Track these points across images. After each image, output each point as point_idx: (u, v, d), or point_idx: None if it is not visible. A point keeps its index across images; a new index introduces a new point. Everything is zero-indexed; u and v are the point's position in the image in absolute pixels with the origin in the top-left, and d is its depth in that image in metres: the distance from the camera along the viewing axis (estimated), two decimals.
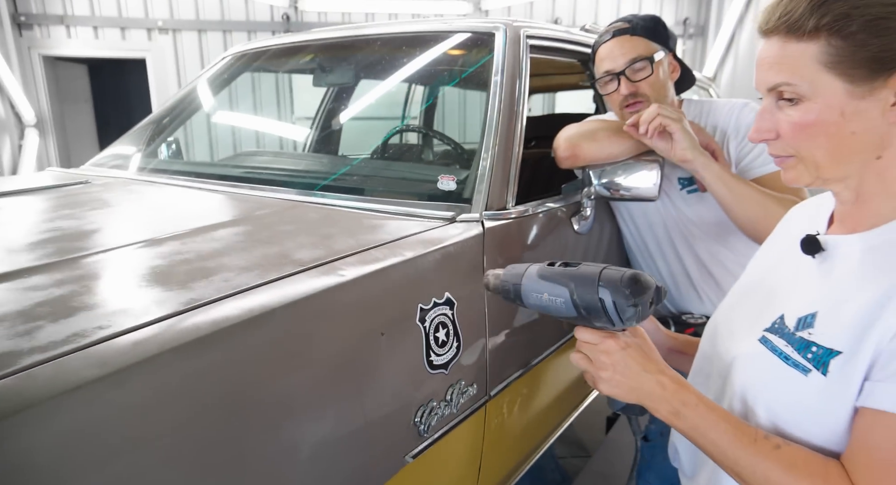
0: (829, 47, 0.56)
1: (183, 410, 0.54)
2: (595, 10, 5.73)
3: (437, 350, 0.84)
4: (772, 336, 0.65)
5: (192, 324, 0.59)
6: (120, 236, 0.88)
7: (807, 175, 0.62)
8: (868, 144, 0.58)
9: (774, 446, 0.58)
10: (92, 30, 4.94)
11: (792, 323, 0.63)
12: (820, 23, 0.56)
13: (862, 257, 0.60)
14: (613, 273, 0.65)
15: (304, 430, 0.65)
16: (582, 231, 1.26)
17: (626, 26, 1.21)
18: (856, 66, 0.55)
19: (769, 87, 0.60)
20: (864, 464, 0.54)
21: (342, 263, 0.77)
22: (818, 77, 0.57)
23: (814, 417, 0.59)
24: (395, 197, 1.13)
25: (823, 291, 0.62)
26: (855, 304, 0.57)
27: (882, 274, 0.56)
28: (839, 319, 0.58)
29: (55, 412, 0.47)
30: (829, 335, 0.58)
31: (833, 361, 0.57)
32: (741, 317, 0.73)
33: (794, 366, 0.61)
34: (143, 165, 1.56)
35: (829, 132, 0.58)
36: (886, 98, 0.56)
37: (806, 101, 0.58)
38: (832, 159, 0.59)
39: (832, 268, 0.63)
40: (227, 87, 1.83)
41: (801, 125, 0.59)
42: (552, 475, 2.13)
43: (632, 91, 1.20)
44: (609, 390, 0.68)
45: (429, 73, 1.58)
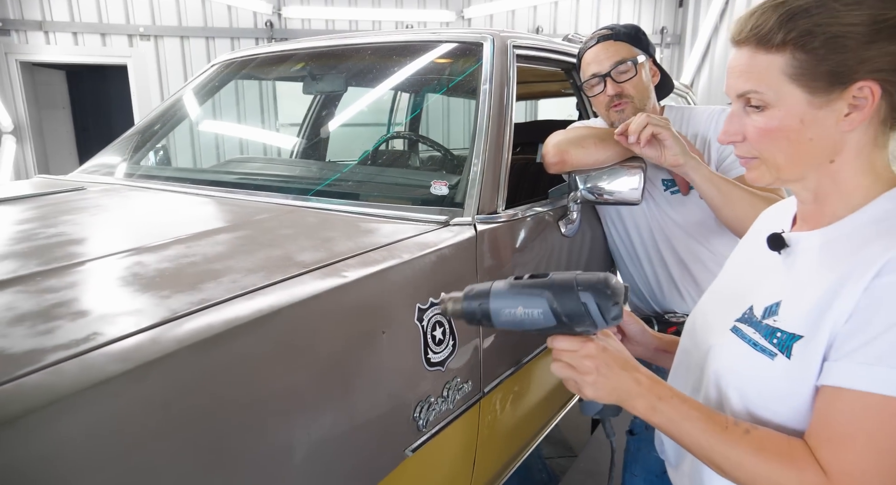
0: (794, 60, 0.61)
1: (197, 404, 0.57)
2: (575, 18, 5.85)
3: (435, 348, 0.87)
4: (742, 326, 0.69)
5: (206, 323, 0.62)
6: (125, 241, 0.90)
7: (768, 175, 0.67)
8: (823, 149, 0.63)
9: (744, 431, 0.62)
10: (71, 36, 4.90)
11: (759, 312, 0.68)
12: (787, 37, 0.60)
13: (820, 250, 0.65)
14: (590, 277, 0.67)
15: (310, 425, 0.68)
16: (569, 234, 1.31)
17: (609, 33, 1.30)
18: (816, 78, 0.60)
19: (738, 93, 0.65)
20: (824, 438, 0.58)
21: (344, 265, 0.80)
22: (782, 87, 0.62)
23: (781, 398, 0.63)
24: (389, 201, 1.17)
25: (786, 281, 0.67)
26: (813, 291, 0.62)
27: (836, 263, 0.61)
28: (800, 306, 0.62)
29: (82, 405, 0.49)
30: (792, 321, 0.63)
31: (796, 344, 0.61)
32: (716, 311, 0.77)
33: (761, 351, 0.65)
34: (137, 171, 1.57)
35: (790, 138, 0.63)
36: (840, 109, 0.61)
37: (771, 109, 0.63)
38: (791, 162, 0.65)
39: (794, 261, 0.68)
40: (217, 95, 1.85)
41: (765, 130, 0.64)
42: (539, 475, 2.18)
43: (617, 92, 1.27)
44: (594, 393, 0.69)
45: (418, 82, 1.63)
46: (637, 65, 1.27)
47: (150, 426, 0.53)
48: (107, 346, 0.55)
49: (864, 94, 0.59)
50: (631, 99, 1.27)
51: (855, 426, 0.56)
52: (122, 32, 4.96)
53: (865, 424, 0.55)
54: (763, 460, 0.60)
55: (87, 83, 6.24)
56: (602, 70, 1.27)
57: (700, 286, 1.34)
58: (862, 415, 0.56)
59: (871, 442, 0.55)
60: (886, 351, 0.55)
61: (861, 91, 0.59)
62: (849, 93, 0.60)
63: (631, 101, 1.27)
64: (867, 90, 0.59)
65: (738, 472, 0.62)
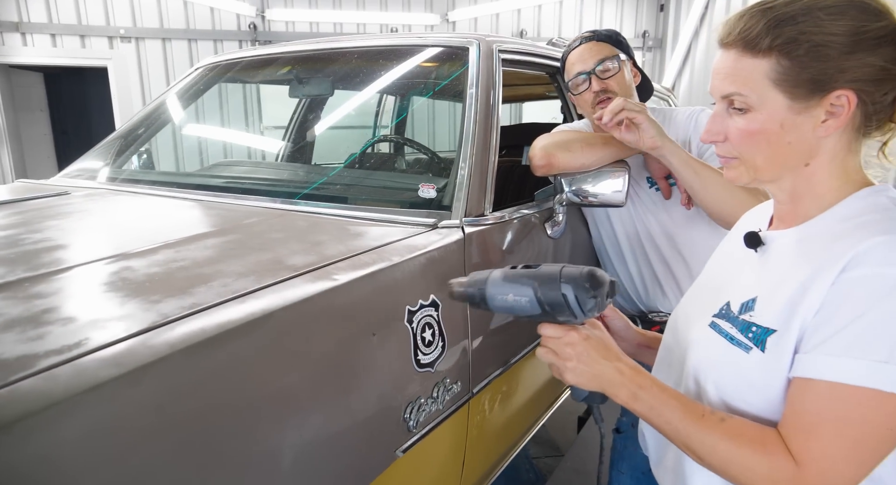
0: (778, 66, 0.63)
1: (190, 407, 0.58)
2: (558, 22, 5.91)
3: (424, 350, 0.89)
4: (720, 321, 0.72)
5: (198, 326, 0.62)
6: (112, 246, 0.90)
7: (746, 175, 0.69)
8: (800, 153, 0.65)
9: (719, 419, 0.65)
10: (49, 37, 4.82)
11: (736, 308, 0.70)
12: (773, 43, 0.62)
13: (794, 247, 0.68)
14: (573, 270, 0.70)
15: (303, 426, 0.69)
16: (555, 236, 1.33)
17: (591, 35, 1.36)
18: (798, 84, 0.62)
19: (722, 94, 0.67)
20: (795, 427, 0.60)
21: (334, 268, 0.81)
22: (765, 91, 0.64)
23: (756, 390, 0.65)
24: (378, 205, 1.18)
25: (762, 278, 0.69)
26: (787, 286, 0.64)
27: (808, 259, 0.63)
28: (774, 301, 0.65)
29: (76, 409, 0.50)
30: (766, 316, 0.65)
31: (769, 338, 0.64)
32: (696, 308, 0.79)
33: (737, 345, 0.67)
34: (121, 176, 1.56)
35: (770, 140, 0.65)
36: (818, 115, 0.63)
37: (753, 112, 0.65)
38: (769, 164, 0.67)
39: (769, 258, 0.71)
40: (201, 99, 1.85)
41: (746, 132, 0.66)
42: (527, 475, 2.19)
43: (602, 88, 1.31)
44: (574, 379, 0.73)
45: (404, 85, 1.64)
46: (620, 62, 1.32)
47: (145, 430, 0.53)
48: (99, 350, 0.56)
49: (842, 102, 0.61)
50: (615, 95, 1.30)
51: (823, 415, 0.58)
52: (101, 34, 4.90)
53: (832, 413, 0.58)
54: (736, 446, 0.62)
55: (65, 86, 6.15)
56: (587, 68, 1.31)
57: (682, 286, 1.37)
58: (829, 404, 0.58)
59: (837, 430, 0.58)
60: (851, 343, 0.57)
61: (839, 99, 0.61)
62: (827, 100, 0.62)
63: (615, 97, 1.30)
64: (844, 99, 0.61)
65: (713, 458, 0.64)
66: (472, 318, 1.01)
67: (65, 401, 0.49)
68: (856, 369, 0.56)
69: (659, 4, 6.07)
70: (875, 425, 0.57)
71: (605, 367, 0.71)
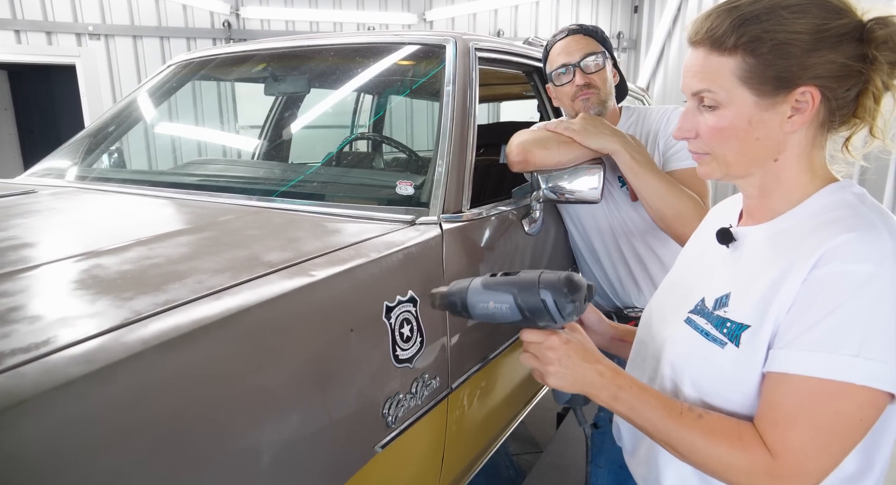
0: (744, 64, 0.64)
1: (163, 405, 0.57)
2: (535, 22, 5.95)
3: (403, 345, 0.88)
4: (695, 317, 0.73)
5: (173, 323, 0.61)
6: (82, 244, 0.88)
7: (718, 171, 0.71)
8: (768, 148, 0.67)
9: (697, 416, 0.66)
10: (14, 33, 4.67)
11: (711, 304, 0.71)
12: (738, 41, 0.64)
13: (765, 243, 0.69)
14: (551, 276, 0.71)
15: (280, 422, 0.68)
16: (532, 232, 1.34)
17: (579, 28, 1.36)
18: (763, 82, 0.64)
19: (692, 91, 0.69)
20: (770, 421, 0.62)
21: (311, 265, 0.81)
22: (733, 88, 0.65)
23: (731, 385, 0.67)
24: (355, 202, 1.17)
25: (735, 274, 0.71)
26: (760, 282, 0.65)
27: (779, 255, 0.65)
28: (748, 297, 0.66)
29: (45, 408, 0.48)
30: (741, 312, 0.67)
31: (744, 334, 0.65)
32: (670, 304, 0.81)
33: (712, 341, 0.68)
34: (91, 174, 1.52)
35: (739, 137, 0.67)
36: (784, 111, 0.65)
37: (722, 108, 0.67)
38: (739, 159, 0.69)
39: (741, 254, 0.72)
40: (174, 97, 1.81)
41: (716, 129, 0.68)
42: (507, 472, 2.21)
43: (586, 82, 1.32)
44: (556, 383, 0.73)
45: (381, 83, 1.63)
46: (605, 59, 1.33)
47: (117, 428, 0.52)
48: (68, 348, 0.54)
49: (806, 98, 0.63)
50: (597, 90, 1.32)
51: (797, 408, 0.60)
52: (69, 31, 4.76)
53: (806, 405, 0.60)
54: (714, 442, 0.64)
55: (31, 84, 5.96)
56: (572, 60, 1.32)
57: (656, 282, 1.39)
58: (802, 397, 0.60)
59: (811, 421, 0.59)
60: (823, 337, 0.59)
61: (803, 96, 0.63)
62: (792, 97, 0.64)
63: (597, 93, 1.32)
64: (808, 95, 0.63)
65: (693, 455, 0.65)
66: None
67: (32, 399, 0.48)
68: (828, 362, 0.58)
69: (633, 6, 6.16)
70: (847, 417, 0.59)
71: (586, 369, 0.72)
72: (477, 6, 5.73)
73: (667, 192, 1.20)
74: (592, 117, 1.29)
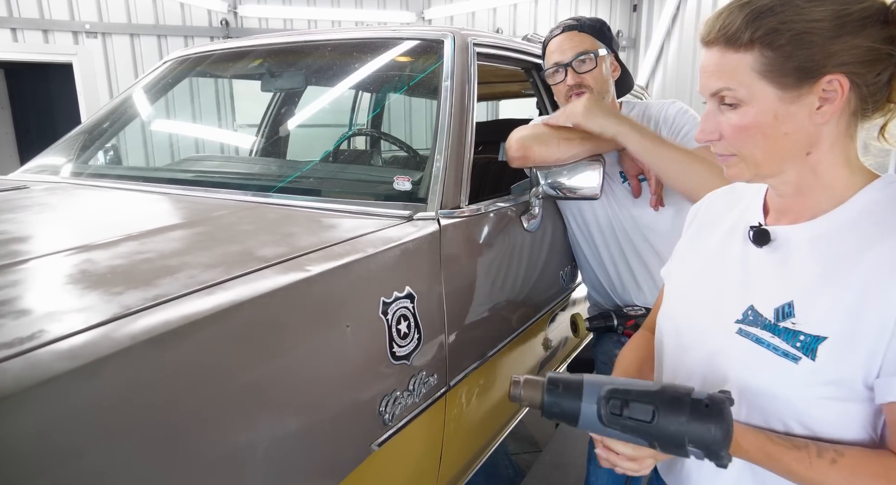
0: (762, 57, 0.62)
1: (153, 402, 0.55)
2: (534, 21, 5.94)
3: (400, 342, 0.87)
4: (751, 329, 0.68)
5: (163, 318, 0.59)
6: (72, 238, 0.86)
7: (747, 172, 0.67)
8: (798, 143, 0.64)
9: (830, 461, 0.61)
10: (10, 32, 4.65)
11: (770, 314, 0.66)
12: (754, 36, 0.62)
13: (813, 246, 0.65)
14: (701, 432, 0.59)
15: (274, 420, 0.67)
16: (531, 229, 1.33)
17: (574, 23, 1.33)
18: (785, 74, 0.61)
19: (711, 91, 0.66)
20: None
21: (306, 260, 0.79)
22: (754, 84, 0.63)
23: (813, 402, 0.63)
24: (352, 197, 1.16)
25: (788, 279, 0.66)
26: (828, 290, 0.62)
27: (843, 260, 0.62)
28: (818, 307, 0.62)
29: (28, 404, 0.47)
30: (813, 323, 0.62)
31: (820, 347, 0.61)
32: (702, 314, 0.75)
33: (783, 355, 0.64)
34: (85, 171, 1.50)
35: (765, 133, 0.64)
36: (812, 103, 0.62)
37: (744, 106, 0.64)
38: (768, 157, 0.65)
39: (787, 257, 0.67)
40: (170, 93, 1.79)
41: (740, 127, 0.65)
42: (506, 472, 2.19)
43: (577, 82, 1.30)
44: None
45: (379, 79, 1.62)
46: (598, 58, 1.31)
47: (104, 425, 0.51)
48: (53, 343, 0.53)
49: (834, 87, 0.61)
50: (590, 90, 1.30)
51: None
52: (66, 29, 4.74)
53: None
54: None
55: (28, 82, 5.93)
56: (564, 60, 1.30)
57: (657, 280, 1.38)
58: None
59: None
60: None
61: (830, 84, 0.61)
62: (819, 87, 0.61)
63: (590, 93, 1.30)
64: (836, 83, 0.60)
65: None
66: (449, 310, 1.00)
67: (15, 395, 0.46)
68: None
69: (632, 4, 6.15)
70: None
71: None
72: (475, 5, 5.72)
73: (684, 158, 1.17)
74: (596, 99, 1.25)
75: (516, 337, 1.29)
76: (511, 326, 1.27)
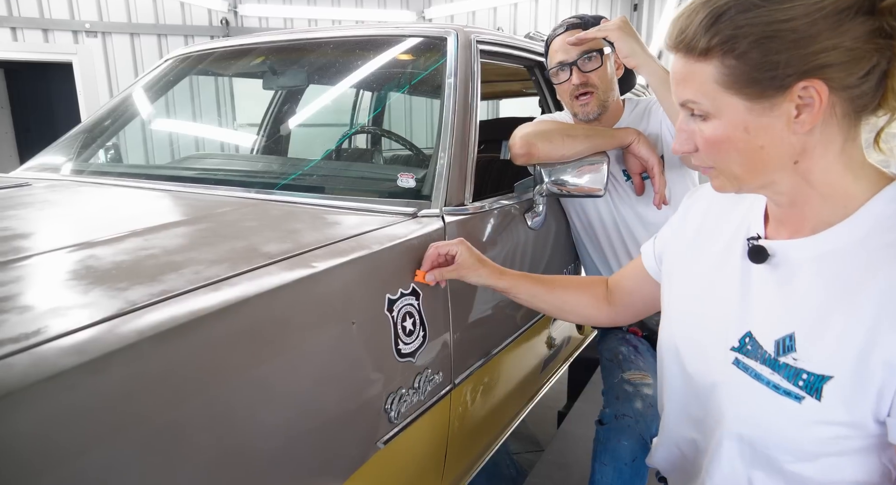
0: (724, 67, 0.55)
1: (159, 397, 0.55)
2: (534, 20, 5.94)
3: (405, 339, 0.86)
4: (748, 361, 0.63)
5: (169, 314, 0.59)
6: (76, 235, 0.85)
7: (729, 185, 0.62)
8: (779, 154, 0.57)
9: None
10: (10, 31, 4.64)
11: (769, 346, 0.61)
12: (711, 43, 0.55)
13: (817, 267, 0.59)
14: None
15: (280, 417, 0.66)
16: (535, 226, 1.32)
17: (578, 21, 1.32)
18: (749, 84, 0.55)
19: (680, 102, 0.61)
20: None
21: (311, 256, 0.78)
22: (718, 96, 0.56)
23: (824, 443, 0.58)
24: (356, 194, 1.15)
25: (790, 305, 0.60)
26: (834, 322, 0.56)
27: (851, 286, 0.56)
28: (822, 341, 0.57)
29: (34, 400, 0.46)
30: (817, 361, 0.57)
31: (826, 386, 0.56)
32: (702, 331, 0.70)
33: (785, 394, 0.59)
34: (87, 168, 1.50)
35: (738, 147, 0.58)
36: (788, 111, 0.55)
37: (713, 119, 0.58)
38: (748, 171, 0.59)
39: (790, 278, 0.61)
40: (172, 91, 1.79)
41: (711, 141, 0.59)
42: (508, 471, 2.19)
43: (582, 81, 1.29)
44: None
45: (382, 76, 1.61)
46: (604, 56, 1.29)
47: (110, 421, 0.50)
48: (59, 338, 0.52)
49: (810, 93, 0.53)
50: (595, 90, 1.29)
51: None
52: (66, 28, 4.74)
53: None
54: None
55: (28, 81, 5.93)
56: (569, 58, 1.29)
57: None
58: None
59: None
60: None
61: (805, 91, 0.53)
62: (792, 94, 0.54)
63: (595, 93, 1.30)
64: (811, 90, 0.53)
65: None
66: (454, 308, 0.99)
67: (20, 390, 0.46)
68: None
69: (633, 4, 6.15)
70: None
71: None
72: (476, 4, 5.72)
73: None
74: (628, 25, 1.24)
75: (521, 335, 1.28)
76: (515, 323, 1.27)
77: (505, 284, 0.95)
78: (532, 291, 0.96)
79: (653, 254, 0.88)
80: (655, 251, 0.87)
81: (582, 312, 0.97)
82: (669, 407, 0.79)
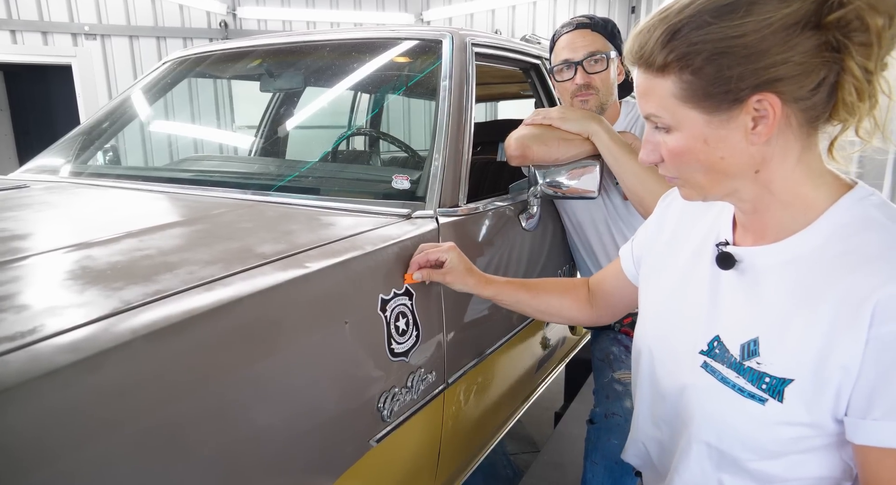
0: (681, 82, 0.57)
1: (154, 394, 0.56)
2: (532, 22, 5.96)
3: (398, 339, 0.87)
4: (716, 364, 0.65)
5: (163, 313, 0.60)
6: (72, 236, 0.86)
7: (695, 194, 0.64)
8: (739, 165, 0.59)
9: None
10: (9, 33, 4.65)
11: (735, 350, 0.63)
12: (667, 59, 0.57)
13: (781, 275, 0.61)
14: None
15: (273, 415, 0.67)
16: (529, 228, 1.34)
17: (587, 21, 1.32)
18: (706, 98, 0.56)
19: (644, 115, 0.63)
20: None
21: (305, 256, 0.80)
22: (677, 110, 0.58)
23: (788, 444, 0.60)
24: (351, 196, 1.16)
25: (755, 311, 0.62)
26: (795, 327, 0.58)
27: (811, 292, 0.57)
28: (784, 345, 0.59)
29: (29, 397, 0.47)
30: (779, 364, 0.59)
31: (787, 389, 0.58)
32: (674, 333, 0.72)
33: (749, 397, 0.61)
34: (85, 170, 1.51)
35: (699, 159, 0.60)
36: (745, 123, 0.56)
37: (674, 131, 0.60)
38: (711, 181, 0.62)
39: (755, 284, 0.63)
40: (170, 94, 1.80)
41: (674, 152, 0.61)
42: (504, 471, 2.19)
43: (586, 82, 1.30)
44: None
45: (377, 80, 1.63)
46: (609, 60, 1.30)
47: (104, 418, 0.51)
48: (56, 336, 0.53)
49: (764, 106, 0.55)
50: (597, 91, 1.31)
51: None
52: (65, 31, 4.75)
53: None
54: None
55: (27, 84, 5.94)
56: (575, 57, 1.30)
57: None
58: None
59: None
60: None
61: (760, 104, 0.55)
62: (748, 107, 0.56)
63: (596, 94, 1.31)
64: (765, 103, 0.55)
65: None
66: (447, 308, 1.00)
67: (16, 387, 0.47)
68: None
69: (630, 6, 6.17)
70: None
71: None
72: (474, 6, 5.73)
73: (645, 175, 1.17)
74: (570, 108, 1.28)
75: (514, 336, 1.29)
76: (509, 324, 1.28)
77: (490, 292, 0.96)
78: (516, 297, 0.97)
79: (631, 257, 0.89)
80: (634, 254, 0.88)
81: (566, 315, 0.99)
82: (640, 406, 0.80)
